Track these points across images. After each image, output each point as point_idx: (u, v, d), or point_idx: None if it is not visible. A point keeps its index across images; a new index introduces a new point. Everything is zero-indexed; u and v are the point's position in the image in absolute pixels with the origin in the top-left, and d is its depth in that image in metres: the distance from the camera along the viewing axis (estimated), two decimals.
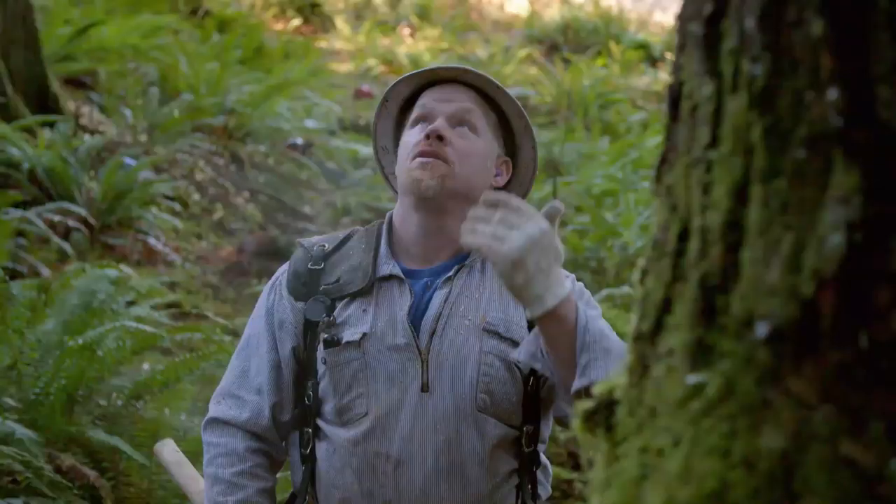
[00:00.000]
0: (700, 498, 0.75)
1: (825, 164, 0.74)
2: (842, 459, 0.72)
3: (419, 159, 2.18)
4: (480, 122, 2.24)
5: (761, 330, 0.74)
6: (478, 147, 2.22)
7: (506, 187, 2.35)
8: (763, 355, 0.74)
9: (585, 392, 1.87)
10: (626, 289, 6.77)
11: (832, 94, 0.73)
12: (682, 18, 0.87)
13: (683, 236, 0.84)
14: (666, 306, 0.85)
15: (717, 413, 0.76)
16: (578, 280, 2.33)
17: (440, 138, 2.17)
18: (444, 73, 2.28)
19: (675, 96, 0.88)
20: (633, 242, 7.63)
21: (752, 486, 0.73)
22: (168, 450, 2.63)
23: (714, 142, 0.81)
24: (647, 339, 0.87)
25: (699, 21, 0.83)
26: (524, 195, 2.37)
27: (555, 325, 1.89)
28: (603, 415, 0.91)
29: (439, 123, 2.20)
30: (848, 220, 0.72)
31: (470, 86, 2.27)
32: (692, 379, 0.79)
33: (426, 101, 2.25)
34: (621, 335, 4.88)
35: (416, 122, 2.25)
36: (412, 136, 2.23)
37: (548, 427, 2.28)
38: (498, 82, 2.26)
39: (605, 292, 6.57)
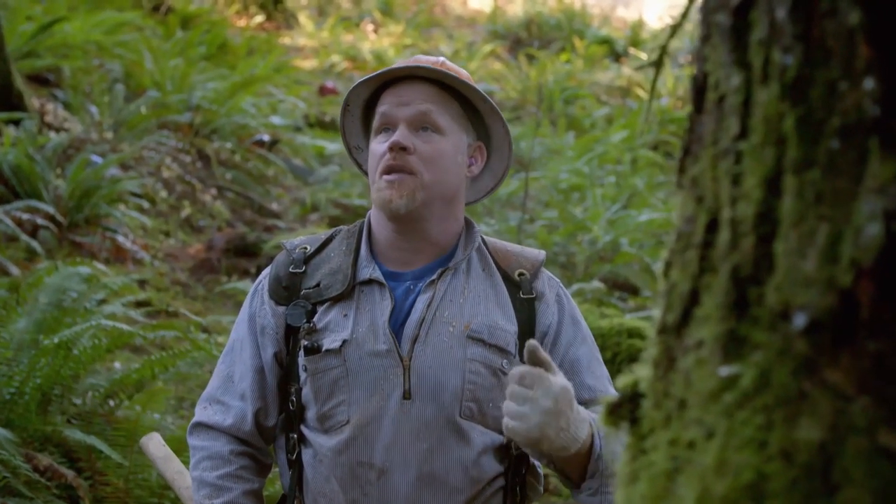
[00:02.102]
0: (736, 490, 0.75)
1: (860, 155, 0.73)
2: (880, 450, 0.71)
3: (386, 177, 2.15)
4: (443, 119, 2.19)
5: (799, 320, 0.73)
6: (444, 147, 2.18)
7: (485, 169, 2.33)
8: (800, 346, 0.74)
9: None
10: (595, 283, 6.79)
11: (868, 83, 0.73)
12: (706, 9, 0.86)
13: (711, 228, 0.83)
14: (693, 298, 0.84)
15: (753, 405, 0.76)
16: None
17: (403, 149, 2.14)
18: (399, 71, 2.22)
19: (699, 87, 0.87)
20: (602, 237, 7.66)
21: (789, 477, 0.73)
22: (154, 443, 2.61)
23: (743, 133, 0.80)
24: (673, 331, 0.86)
25: (726, 12, 0.83)
26: (505, 171, 2.35)
27: (572, 457, 1.94)
28: (627, 408, 0.90)
29: (400, 133, 2.16)
30: (885, 210, 0.71)
31: (429, 80, 2.22)
32: (725, 370, 0.78)
33: (385, 107, 2.21)
34: (593, 329, 4.88)
35: (379, 130, 2.21)
36: (378, 147, 2.19)
37: None
38: (453, 72, 2.21)
39: (575, 287, 6.59)
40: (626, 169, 10.05)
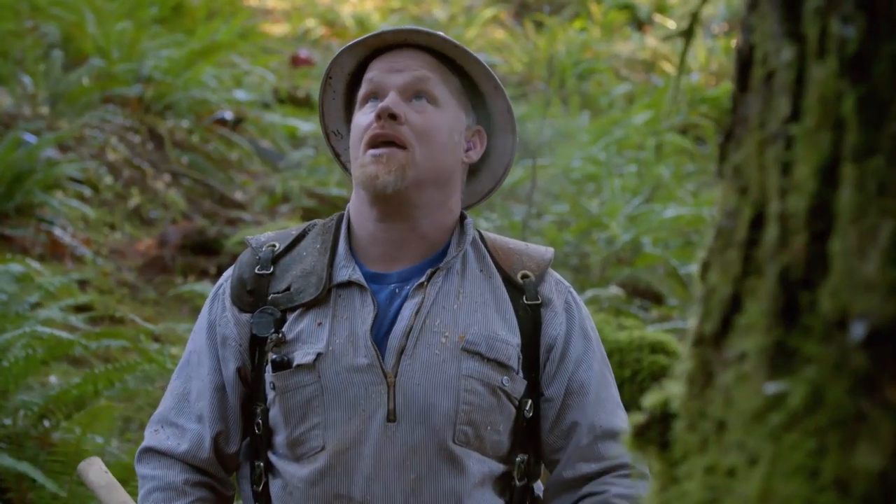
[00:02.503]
0: None
1: None
2: None
3: (371, 151, 2.15)
4: (440, 90, 2.22)
5: (857, 331, 0.75)
6: (439, 121, 2.20)
7: (483, 160, 2.35)
8: (858, 360, 0.75)
9: None
10: (613, 289, 6.81)
11: None
12: None
13: (757, 223, 0.84)
14: (735, 304, 0.85)
15: (803, 427, 0.77)
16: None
17: (393, 117, 2.15)
18: (391, 37, 2.24)
19: (744, 62, 0.88)
20: (620, 235, 7.67)
21: None
22: (95, 470, 2.60)
23: (795, 114, 0.81)
24: (710, 342, 0.88)
25: None
26: (507, 167, 2.36)
27: None
28: (657, 430, 0.91)
29: (391, 99, 2.17)
30: None
31: (426, 50, 2.24)
32: (771, 388, 0.79)
33: (374, 73, 2.23)
34: (610, 342, 4.89)
35: (366, 99, 2.23)
36: (363, 118, 2.20)
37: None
38: (455, 41, 2.23)
39: (589, 293, 6.60)
40: (650, 156, 10.06)
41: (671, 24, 15.31)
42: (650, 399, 0.94)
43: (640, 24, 16.17)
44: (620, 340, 5.29)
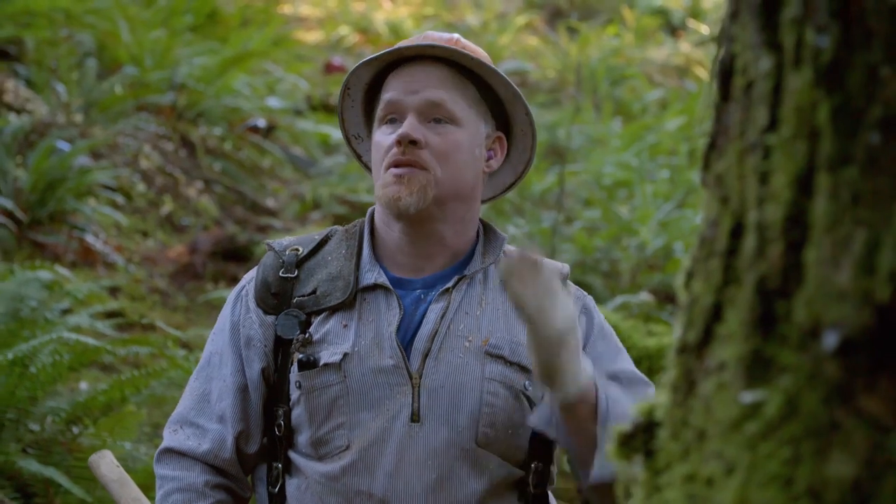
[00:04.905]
0: None
1: None
2: None
3: (393, 170, 2.18)
4: (458, 107, 2.23)
5: (830, 340, 0.75)
6: (458, 140, 2.22)
7: (505, 162, 2.36)
8: (831, 369, 0.75)
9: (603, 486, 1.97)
10: (643, 296, 6.79)
11: None
12: None
13: (737, 233, 0.85)
14: (716, 313, 0.86)
15: (778, 436, 0.77)
16: (588, 293, 2.36)
17: (413, 143, 2.18)
18: (407, 51, 2.26)
19: (725, 72, 0.89)
20: (651, 241, 7.65)
21: None
22: (107, 463, 2.59)
23: (773, 124, 0.82)
24: (693, 351, 0.88)
25: None
26: (527, 166, 2.38)
27: (579, 406, 1.97)
28: (641, 439, 0.92)
29: (409, 125, 2.19)
30: None
31: (442, 60, 2.26)
32: (748, 397, 0.80)
33: (391, 94, 2.24)
34: (639, 349, 4.86)
35: (385, 119, 2.25)
36: (383, 138, 2.23)
37: (556, 465, 2.30)
38: (471, 54, 2.24)
39: (619, 300, 6.58)
40: (682, 162, 10.02)
41: (704, 30, 15.27)
42: (636, 407, 0.94)
43: (673, 30, 16.13)
44: (649, 347, 5.28)
